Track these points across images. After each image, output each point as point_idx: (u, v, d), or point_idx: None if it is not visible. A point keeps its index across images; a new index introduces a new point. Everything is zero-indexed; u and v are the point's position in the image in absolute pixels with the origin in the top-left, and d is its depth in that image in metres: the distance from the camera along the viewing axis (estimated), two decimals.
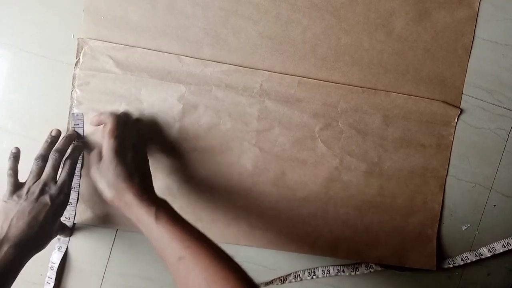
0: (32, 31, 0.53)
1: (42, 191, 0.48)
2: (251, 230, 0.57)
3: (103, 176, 0.46)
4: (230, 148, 0.56)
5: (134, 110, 0.54)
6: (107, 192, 0.46)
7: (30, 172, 0.50)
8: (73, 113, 0.54)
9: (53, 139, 0.52)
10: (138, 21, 0.54)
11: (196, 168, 0.56)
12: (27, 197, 0.48)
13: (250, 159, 0.56)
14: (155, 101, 0.54)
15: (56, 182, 0.50)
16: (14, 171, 0.50)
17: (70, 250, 0.57)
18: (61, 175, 0.50)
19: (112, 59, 0.53)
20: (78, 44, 0.53)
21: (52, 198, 0.48)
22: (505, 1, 0.58)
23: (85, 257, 0.57)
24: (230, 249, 0.58)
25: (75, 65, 0.53)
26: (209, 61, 0.55)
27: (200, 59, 0.55)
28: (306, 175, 0.57)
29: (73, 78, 0.53)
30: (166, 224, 0.43)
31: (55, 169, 0.50)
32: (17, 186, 0.49)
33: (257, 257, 0.59)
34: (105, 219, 0.56)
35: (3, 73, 0.54)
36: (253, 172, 0.56)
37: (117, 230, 0.57)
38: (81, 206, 0.56)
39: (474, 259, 0.60)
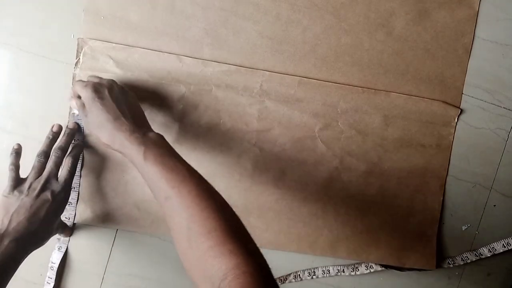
0: (32, 31, 0.54)
1: (44, 187, 0.49)
2: (251, 230, 0.57)
3: (92, 126, 0.46)
4: (230, 148, 0.56)
5: None
6: (101, 137, 0.45)
7: (32, 168, 0.50)
8: (73, 113, 0.54)
9: (55, 135, 0.52)
10: (138, 21, 0.54)
11: (196, 168, 0.56)
12: (28, 192, 0.48)
13: (250, 159, 0.56)
14: (155, 101, 0.54)
15: (57, 178, 0.50)
16: (16, 166, 0.50)
17: (70, 250, 0.57)
18: (62, 172, 0.51)
19: (112, 59, 0.53)
20: (78, 44, 0.53)
21: (53, 194, 0.49)
22: (505, 1, 0.58)
23: (85, 257, 0.57)
24: None
25: (75, 65, 0.53)
26: (209, 61, 0.55)
27: (200, 59, 0.55)
28: (306, 175, 0.57)
29: (73, 78, 0.53)
30: (154, 164, 0.41)
31: (57, 166, 0.50)
32: (18, 181, 0.49)
33: None
34: (105, 219, 0.56)
35: (3, 73, 0.54)
36: (253, 172, 0.56)
37: (117, 230, 0.57)
38: (81, 206, 0.56)
39: (474, 259, 0.60)
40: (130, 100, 0.49)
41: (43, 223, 0.48)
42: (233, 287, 0.33)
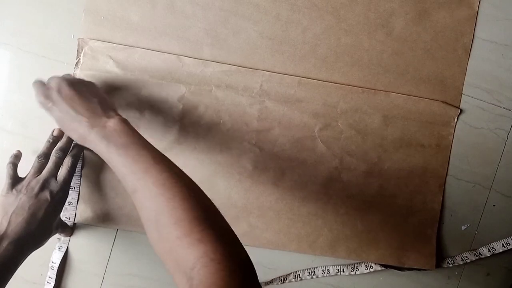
0: (32, 31, 0.54)
1: (43, 187, 0.48)
2: (251, 230, 0.57)
3: (62, 128, 0.46)
4: (230, 148, 0.56)
5: (135, 109, 0.54)
6: (73, 137, 0.45)
7: (31, 168, 0.50)
8: None
9: (55, 139, 0.52)
10: (138, 21, 0.54)
11: (196, 168, 0.56)
12: (26, 191, 0.48)
13: (250, 159, 0.56)
14: (155, 101, 0.54)
15: (56, 178, 0.50)
16: (14, 165, 0.50)
17: (71, 250, 0.57)
18: (61, 171, 0.50)
19: (112, 59, 0.53)
20: (78, 44, 0.53)
21: (52, 194, 0.48)
22: (505, 1, 0.58)
23: (85, 257, 0.57)
24: None
25: (76, 65, 0.53)
26: (209, 61, 0.55)
27: (200, 59, 0.55)
28: (306, 175, 0.57)
29: None
30: (118, 156, 0.40)
31: (57, 167, 0.50)
32: (16, 180, 0.49)
33: (257, 257, 0.59)
34: (105, 219, 0.56)
35: (3, 73, 0.54)
36: (253, 172, 0.56)
37: (117, 230, 0.57)
38: (81, 206, 0.56)
39: (473, 259, 0.61)
40: (86, 90, 0.47)
41: (41, 224, 0.48)
42: (202, 276, 0.32)
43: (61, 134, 0.52)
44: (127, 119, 0.45)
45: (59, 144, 0.51)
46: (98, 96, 0.47)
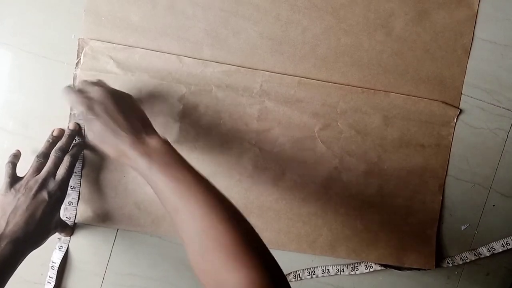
0: (32, 31, 0.54)
1: (41, 187, 0.48)
2: None
3: (96, 142, 0.45)
4: (230, 148, 0.56)
5: None
6: (107, 153, 0.44)
7: (30, 167, 0.50)
8: (74, 114, 0.54)
9: (55, 139, 0.52)
10: (138, 22, 0.54)
11: (196, 167, 0.56)
12: (25, 191, 0.48)
13: (250, 159, 0.56)
14: (155, 101, 0.55)
15: (55, 178, 0.50)
16: (13, 164, 0.50)
17: (71, 250, 0.57)
18: (60, 170, 0.50)
19: (112, 59, 0.54)
20: (78, 44, 0.53)
21: (50, 194, 0.48)
22: (504, 1, 0.58)
23: (85, 256, 0.57)
24: None
25: (76, 65, 0.54)
26: (209, 62, 0.55)
27: (201, 59, 0.55)
28: (305, 175, 0.57)
29: (73, 78, 0.54)
30: (160, 175, 0.40)
31: (56, 166, 0.50)
32: (15, 179, 0.49)
33: None
34: (105, 219, 0.56)
35: (4, 73, 0.54)
36: (253, 172, 0.57)
37: (117, 229, 0.57)
38: (81, 206, 0.56)
39: (473, 258, 0.61)
40: (128, 105, 0.47)
41: (40, 223, 0.48)
42: None
43: (61, 134, 0.52)
44: (167, 139, 0.45)
45: (59, 144, 0.51)
46: (139, 112, 0.47)
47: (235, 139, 0.56)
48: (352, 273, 0.59)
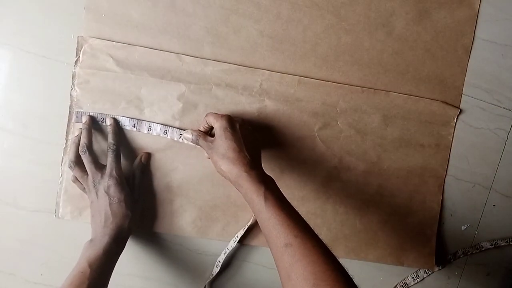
0: (32, 31, 0.53)
1: (108, 183, 0.51)
2: (251, 229, 0.57)
3: (216, 152, 0.47)
4: None
5: (134, 108, 0.54)
6: (222, 165, 0.46)
7: (90, 163, 0.51)
8: (74, 112, 0.54)
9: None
10: (139, 19, 0.54)
11: (196, 167, 0.56)
12: (100, 188, 0.51)
13: None
14: (155, 99, 0.54)
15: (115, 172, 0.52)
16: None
17: (71, 250, 0.57)
18: (111, 166, 0.52)
19: (112, 57, 0.53)
20: (78, 42, 0.53)
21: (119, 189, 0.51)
22: (505, 1, 0.58)
23: None
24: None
25: (75, 63, 0.53)
26: (209, 60, 0.55)
27: (201, 57, 0.55)
28: (305, 174, 0.57)
29: (72, 76, 0.53)
30: (274, 207, 0.42)
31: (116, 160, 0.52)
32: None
33: (256, 256, 0.59)
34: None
35: (3, 73, 0.54)
36: None
37: None
38: (81, 205, 0.55)
39: (474, 252, 0.60)
40: (254, 141, 0.50)
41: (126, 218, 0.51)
42: None
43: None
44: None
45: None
46: (259, 153, 0.51)
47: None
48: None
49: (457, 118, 0.59)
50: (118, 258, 0.51)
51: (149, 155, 0.55)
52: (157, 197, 0.56)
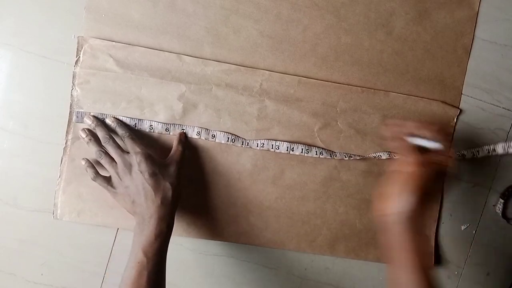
0: (32, 31, 0.54)
1: (138, 160, 0.50)
2: (251, 229, 0.57)
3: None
4: (230, 147, 0.56)
5: (134, 108, 0.54)
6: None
7: (114, 155, 0.51)
8: (74, 112, 0.54)
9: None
10: (139, 19, 0.54)
11: (196, 167, 0.56)
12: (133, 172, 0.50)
13: (249, 158, 0.56)
14: (155, 100, 0.54)
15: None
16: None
17: (71, 250, 0.57)
18: (136, 145, 0.51)
19: (112, 57, 0.54)
20: (78, 42, 0.53)
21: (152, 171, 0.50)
22: (505, 1, 0.58)
23: (86, 256, 0.57)
24: (230, 248, 0.58)
25: (75, 63, 0.53)
26: (209, 60, 0.55)
27: (201, 58, 0.55)
28: (305, 174, 0.57)
29: (73, 76, 0.53)
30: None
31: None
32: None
33: (256, 256, 0.59)
34: (106, 218, 0.56)
35: (3, 73, 0.54)
36: (253, 171, 0.57)
37: (117, 229, 0.57)
38: (80, 205, 0.55)
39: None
40: None
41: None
42: None
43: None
44: None
45: (104, 133, 0.52)
46: None
47: (234, 138, 0.56)
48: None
49: (457, 118, 0.59)
50: (170, 236, 0.50)
51: (185, 135, 0.55)
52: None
